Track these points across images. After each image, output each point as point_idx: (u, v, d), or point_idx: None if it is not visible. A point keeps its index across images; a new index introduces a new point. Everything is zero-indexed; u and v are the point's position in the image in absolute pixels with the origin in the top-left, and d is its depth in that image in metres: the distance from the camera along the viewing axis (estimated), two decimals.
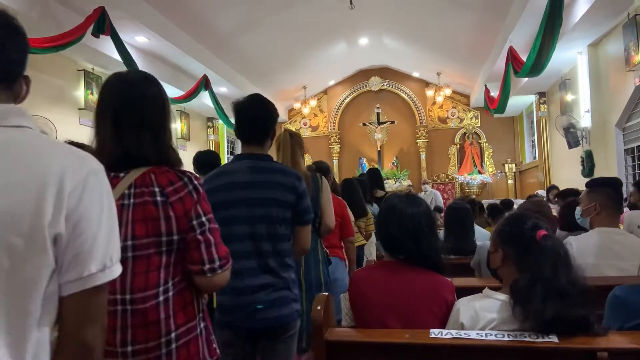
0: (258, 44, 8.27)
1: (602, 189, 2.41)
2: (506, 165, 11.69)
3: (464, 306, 1.51)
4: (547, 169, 9.10)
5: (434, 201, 9.26)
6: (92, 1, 5.10)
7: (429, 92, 11.95)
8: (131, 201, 1.19)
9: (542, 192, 7.42)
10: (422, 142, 12.08)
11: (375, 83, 12.32)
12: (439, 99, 11.85)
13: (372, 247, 4.32)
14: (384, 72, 12.28)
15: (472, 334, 1.37)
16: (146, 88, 1.29)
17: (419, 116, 12.17)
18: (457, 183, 11.89)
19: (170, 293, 1.19)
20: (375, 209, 4.47)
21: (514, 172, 11.67)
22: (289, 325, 1.83)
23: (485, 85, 9.26)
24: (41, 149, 0.82)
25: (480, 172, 11.65)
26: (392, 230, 1.69)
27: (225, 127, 10.27)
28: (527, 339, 1.33)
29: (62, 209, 0.78)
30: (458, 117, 12.20)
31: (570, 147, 7.41)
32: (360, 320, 1.66)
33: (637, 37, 5.24)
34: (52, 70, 6.19)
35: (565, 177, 8.00)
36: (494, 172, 11.71)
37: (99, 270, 0.81)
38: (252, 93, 2.03)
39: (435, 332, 1.42)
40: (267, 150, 1.98)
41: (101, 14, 5.12)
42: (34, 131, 0.85)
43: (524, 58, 6.04)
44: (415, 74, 12.06)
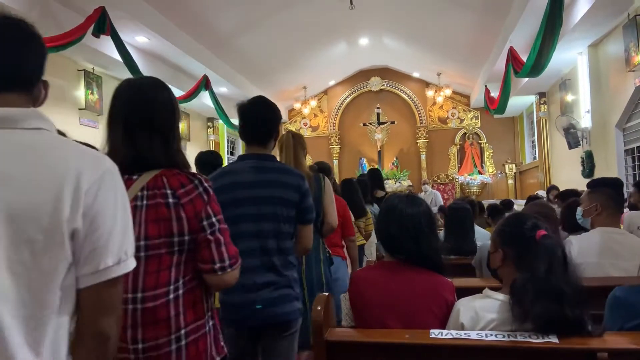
0: (258, 44, 8.27)
1: (603, 189, 2.41)
2: (506, 166, 11.69)
3: (464, 306, 1.51)
4: (547, 170, 9.10)
5: (434, 201, 9.26)
6: (93, 1, 5.10)
7: (429, 93, 11.95)
8: (144, 202, 1.23)
9: (542, 193, 7.42)
10: (422, 142, 12.09)
11: (375, 83, 12.32)
12: (439, 99, 11.86)
13: (372, 247, 4.32)
14: (384, 72, 12.28)
15: (472, 335, 1.37)
16: (156, 93, 1.33)
17: (419, 116, 12.17)
18: (457, 183, 11.89)
19: (180, 291, 1.22)
20: (375, 209, 4.48)
21: (514, 173, 11.67)
22: (290, 323, 1.84)
23: (486, 86, 9.26)
24: (59, 150, 0.86)
25: (480, 173, 11.65)
26: (393, 231, 1.69)
27: (226, 127, 10.27)
28: (527, 339, 1.32)
29: (79, 206, 0.83)
30: (458, 118, 12.20)
31: (570, 147, 7.41)
32: (360, 321, 1.66)
33: (638, 38, 5.24)
34: (52, 70, 6.19)
35: (566, 177, 8.00)
36: (494, 173, 11.71)
37: (115, 264, 0.87)
38: (256, 95, 2.07)
39: (435, 333, 1.42)
40: (271, 150, 2.01)
41: (101, 14, 5.12)
42: (52, 133, 0.89)
43: (524, 58, 6.04)
44: (416, 74, 12.06)
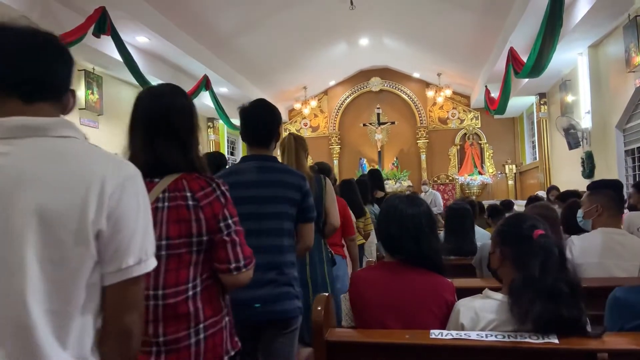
0: (258, 44, 8.27)
1: (604, 190, 2.42)
2: (506, 166, 11.69)
3: (464, 307, 1.52)
4: (548, 170, 9.10)
5: (434, 202, 9.26)
6: (93, 1, 5.10)
7: (430, 93, 11.95)
8: (165, 204, 1.30)
9: (543, 193, 7.42)
10: (422, 142, 12.09)
11: (375, 83, 12.33)
12: (440, 99, 11.86)
13: (372, 247, 4.34)
14: (385, 72, 12.29)
15: (473, 335, 1.38)
16: (174, 99, 1.40)
17: (420, 117, 12.17)
18: (457, 184, 11.89)
19: (198, 288, 1.30)
20: (376, 209, 4.50)
21: (514, 173, 11.67)
22: (290, 321, 1.85)
23: (486, 86, 9.27)
24: (85, 156, 0.93)
25: (480, 173, 11.65)
26: (393, 231, 1.69)
27: (226, 127, 10.27)
28: (527, 339, 1.33)
29: (104, 209, 0.89)
30: (458, 118, 12.20)
31: (570, 148, 7.41)
32: (360, 321, 1.67)
33: (638, 39, 5.24)
34: None
35: (566, 178, 8.01)
36: (494, 173, 11.71)
37: (136, 263, 0.92)
38: (257, 98, 2.11)
39: (435, 333, 1.42)
40: (272, 151, 2.06)
41: (102, 14, 5.12)
42: (80, 140, 0.96)
43: (524, 59, 6.04)
44: (416, 75, 12.06)
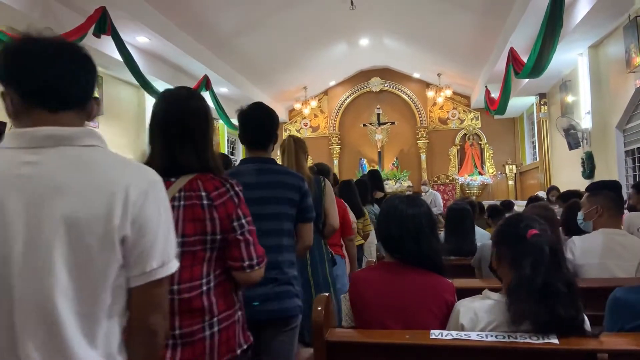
0: (259, 45, 8.27)
1: (603, 191, 2.42)
2: (506, 167, 11.69)
3: (464, 307, 1.52)
4: (548, 171, 9.10)
5: (434, 202, 9.26)
6: (93, 1, 5.10)
7: (430, 93, 11.94)
8: (181, 203, 1.35)
9: (543, 194, 7.42)
10: (422, 143, 12.09)
11: (375, 84, 12.32)
12: (440, 99, 11.85)
13: (372, 247, 4.35)
14: (385, 72, 12.28)
15: (473, 335, 1.38)
16: (189, 103, 1.46)
17: (420, 117, 12.17)
18: (457, 184, 11.89)
19: (212, 284, 1.35)
20: (376, 209, 4.51)
21: (515, 174, 11.66)
22: (290, 319, 1.88)
23: (486, 87, 9.26)
24: (110, 164, 0.97)
25: (480, 173, 11.65)
26: (393, 231, 1.69)
27: (226, 128, 10.27)
28: (527, 340, 1.33)
29: (128, 215, 0.93)
30: (458, 118, 12.20)
31: (570, 148, 7.41)
32: (360, 321, 1.67)
33: (638, 39, 5.24)
34: None
35: (566, 178, 8.00)
36: (494, 173, 11.70)
37: (159, 266, 0.97)
38: (254, 101, 2.15)
39: (435, 333, 1.42)
40: (270, 153, 2.09)
41: (102, 14, 5.12)
42: (104, 149, 1.00)
43: (524, 59, 6.04)
44: (416, 75, 12.05)
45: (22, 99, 0.95)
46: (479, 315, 1.47)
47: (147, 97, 7.40)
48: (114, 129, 6.86)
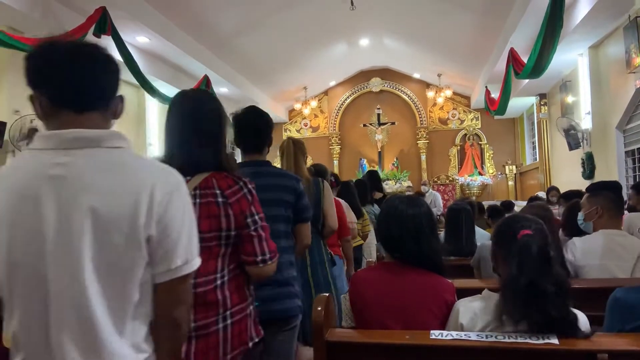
0: (259, 45, 8.27)
1: (603, 192, 2.42)
2: (506, 167, 11.69)
3: (464, 307, 1.52)
4: (548, 171, 9.10)
5: (434, 203, 9.26)
6: (93, 1, 5.10)
7: (430, 94, 11.95)
8: (197, 201, 1.39)
9: (543, 194, 7.42)
10: (422, 143, 12.09)
11: (375, 84, 12.33)
12: (440, 100, 11.85)
13: (371, 248, 4.36)
14: (385, 73, 12.29)
15: (473, 336, 1.38)
16: (204, 104, 1.51)
17: (420, 117, 12.17)
18: (457, 184, 11.89)
19: (226, 278, 1.40)
20: (376, 209, 4.52)
21: (515, 174, 11.67)
22: (290, 319, 1.90)
23: (486, 87, 9.26)
24: (136, 165, 1.02)
25: (480, 174, 11.65)
26: (393, 231, 1.69)
27: None
28: (527, 340, 1.33)
29: (154, 215, 0.98)
30: (458, 119, 12.20)
31: (570, 148, 7.41)
32: (360, 321, 1.67)
33: (638, 40, 5.24)
34: None
35: (566, 179, 8.00)
36: (494, 174, 11.70)
37: (184, 263, 1.02)
38: (248, 105, 2.19)
39: (435, 334, 1.42)
40: (266, 156, 2.11)
41: (102, 14, 5.12)
42: (130, 151, 1.05)
43: (524, 59, 6.04)
44: (416, 75, 12.06)
45: (49, 102, 1.00)
46: (478, 315, 1.47)
47: (147, 97, 7.39)
48: (114, 129, 6.83)
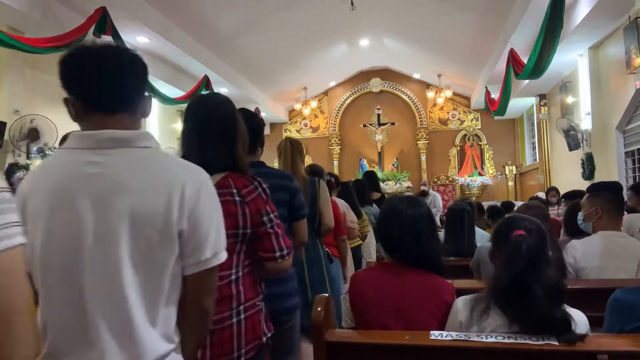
0: (259, 45, 8.27)
1: (603, 193, 2.41)
2: (506, 167, 11.69)
3: (463, 304, 1.52)
4: (548, 171, 9.10)
5: (434, 203, 9.25)
6: (94, 1, 5.11)
7: (430, 94, 11.95)
8: None
9: (543, 195, 7.42)
10: (422, 143, 12.09)
11: (375, 84, 12.33)
12: (440, 100, 11.85)
13: (371, 248, 4.37)
14: (385, 73, 12.29)
15: (473, 336, 1.37)
16: (220, 108, 1.57)
17: (420, 118, 12.17)
18: (457, 185, 11.89)
19: (240, 274, 1.44)
20: (375, 209, 4.53)
21: (514, 174, 11.67)
22: (289, 317, 1.91)
23: (486, 87, 9.27)
24: (166, 164, 1.08)
25: (480, 174, 11.65)
26: (393, 232, 1.69)
27: None
28: (526, 341, 1.32)
29: (185, 211, 1.03)
30: (458, 119, 12.20)
31: (570, 149, 7.42)
32: (360, 321, 1.67)
33: (638, 40, 5.24)
34: (53, 70, 6.16)
35: (566, 179, 8.01)
36: (494, 174, 11.71)
37: (212, 256, 1.08)
38: (239, 107, 2.17)
39: (435, 334, 1.42)
40: (259, 157, 2.12)
41: (102, 14, 5.13)
42: (159, 150, 1.10)
43: (524, 60, 6.04)
44: (416, 76, 12.06)
45: (82, 105, 1.07)
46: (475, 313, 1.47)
47: None
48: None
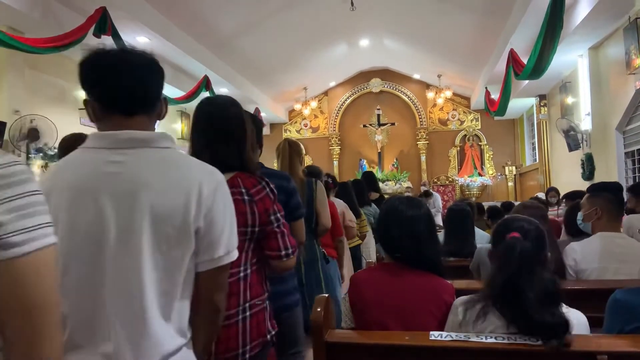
0: (259, 45, 8.27)
1: (603, 193, 2.41)
2: (506, 168, 11.70)
3: (463, 305, 1.52)
4: (548, 172, 9.10)
5: (433, 204, 9.25)
6: (94, 1, 5.11)
7: (430, 94, 11.96)
8: None
9: (543, 195, 7.42)
10: (422, 144, 12.09)
11: (375, 85, 12.34)
12: (440, 100, 11.86)
13: (370, 248, 4.38)
14: (385, 73, 12.30)
15: (472, 337, 1.37)
16: (228, 109, 1.60)
17: (420, 118, 12.18)
18: (457, 185, 11.90)
19: (247, 271, 1.48)
20: (374, 209, 4.54)
21: (514, 175, 11.67)
22: (289, 314, 1.94)
23: (486, 88, 9.27)
24: (184, 164, 1.11)
25: (480, 175, 11.66)
26: (393, 232, 1.69)
27: None
28: (526, 341, 1.32)
29: (202, 209, 1.06)
30: (458, 119, 12.21)
31: (570, 149, 7.42)
32: (360, 322, 1.67)
33: (638, 41, 5.24)
34: (53, 70, 6.20)
35: (566, 180, 8.01)
36: (494, 175, 11.71)
37: (225, 254, 1.12)
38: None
39: (435, 335, 1.42)
40: (258, 158, 2.11)
41: (102, 14, 5.13)
42: (177, 151, 1.13)
43: (524, 60, 6.04)
44: (416, 76, 12.06)
45: (100, 107, 1.11)
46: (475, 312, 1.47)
47: None
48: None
